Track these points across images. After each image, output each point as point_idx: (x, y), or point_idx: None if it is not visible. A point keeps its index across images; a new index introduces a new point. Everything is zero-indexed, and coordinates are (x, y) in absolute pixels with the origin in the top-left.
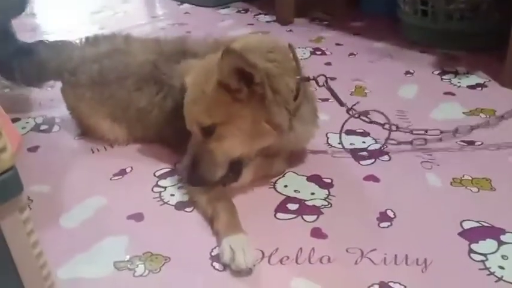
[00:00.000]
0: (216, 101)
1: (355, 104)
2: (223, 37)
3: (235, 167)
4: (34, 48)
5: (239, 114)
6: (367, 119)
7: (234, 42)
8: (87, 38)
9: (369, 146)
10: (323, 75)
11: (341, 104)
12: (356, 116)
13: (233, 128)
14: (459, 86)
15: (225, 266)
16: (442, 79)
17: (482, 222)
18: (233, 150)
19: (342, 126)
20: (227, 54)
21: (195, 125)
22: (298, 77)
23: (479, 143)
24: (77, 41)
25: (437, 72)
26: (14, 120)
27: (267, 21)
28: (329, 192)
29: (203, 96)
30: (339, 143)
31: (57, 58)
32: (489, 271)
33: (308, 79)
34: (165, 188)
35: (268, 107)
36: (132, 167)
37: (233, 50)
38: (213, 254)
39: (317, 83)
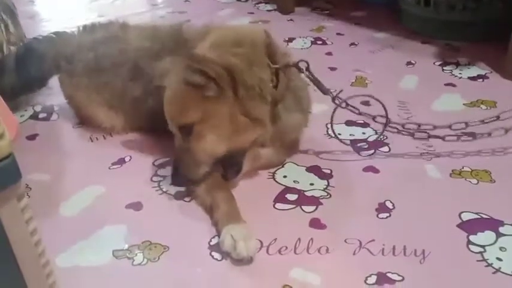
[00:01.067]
0: (189, 100)
1: (339, 92)
2: (214, 23)
3: (234, 161)
4: (29, 47)
5: (213, 112)
6: (355, 110)
7: (208, 35)
8: (84, 26)
9: (368, 137)
10: (304, 61)
11: (324, 92)
12: (343, 106)
13: (209, 126)
14: (460, 77)
15: (226, 255)
16: (443, 70)
17: (481, 214)
18: (214, 148)
19: (332, 118)
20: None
21: (173, 125)
22: (275, 66)
23: (480, 135)
24: (74, 30)
25: (438, 63)
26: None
27: (268, 10)
28: (328, 183)
29: (177, 96)
30: (339, 134)
31: (54, 49)
32: (487, 263)
33: (287, 66)
34: (164, 177)
35: (242, 102)
36: (131, 156)
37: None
38: (211, 243)
39: (299, 69)
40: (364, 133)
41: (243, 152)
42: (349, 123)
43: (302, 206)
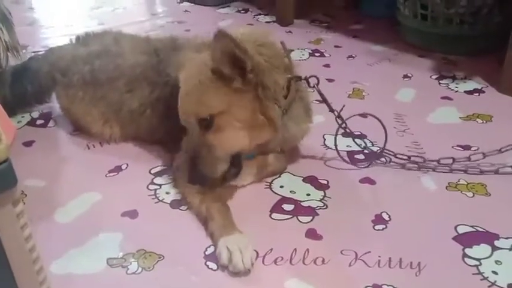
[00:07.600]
0: (213, 90)
1: (341, 109)
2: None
3: (235, 162)
4: (27, 66)
5: (237, 104)
6: (354, 137)
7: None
8: (77, 37)
9: (365, 148)
10: (315, 76)
11: (330, 109)
12: (344, 127)
13: (232, 118)
14: (456, 91)
15: (223, 268)
16: (439, 83)
17: (477, 227)
18: (234, 142)
19: (335, 139)
20: (219, 37)
21: (192, 118)
22: (289, 76)
23: (475, 148)
24: (69, 41)
25: (435, 76)
26: (10, 114)
27: (267, 22)
28: (325, 194)
29: (199, 87)
30: (336, 145)
31: (48, 63)
32: (483, 276)
33: (300, 78)
34: (160, 185)
35: (260, 100)
36: (127, 164)
37: (225, 33)
38: (207, 253)
39: (308, 83)
40: (361, 144)
41: (245, 153)
42: (346, 134)
43: (298, 217)
